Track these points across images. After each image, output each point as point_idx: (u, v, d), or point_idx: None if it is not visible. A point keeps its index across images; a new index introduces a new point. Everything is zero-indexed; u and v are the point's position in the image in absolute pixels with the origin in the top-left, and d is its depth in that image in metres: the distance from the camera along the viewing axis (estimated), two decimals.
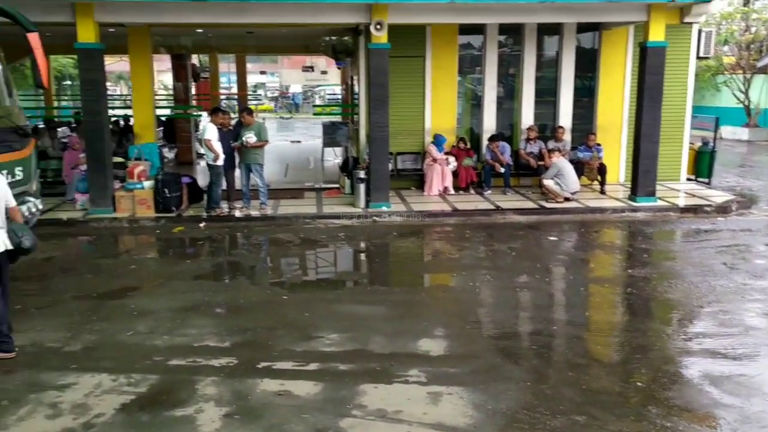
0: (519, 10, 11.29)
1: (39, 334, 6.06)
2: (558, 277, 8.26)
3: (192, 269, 8.35)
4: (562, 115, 13.41)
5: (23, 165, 7.46)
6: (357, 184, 11.48)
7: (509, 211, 11.29)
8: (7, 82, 7.98)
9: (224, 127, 11.00)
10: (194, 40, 16.94)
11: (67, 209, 11.38)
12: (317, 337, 6.02)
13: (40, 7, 10.10)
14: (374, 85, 11.16)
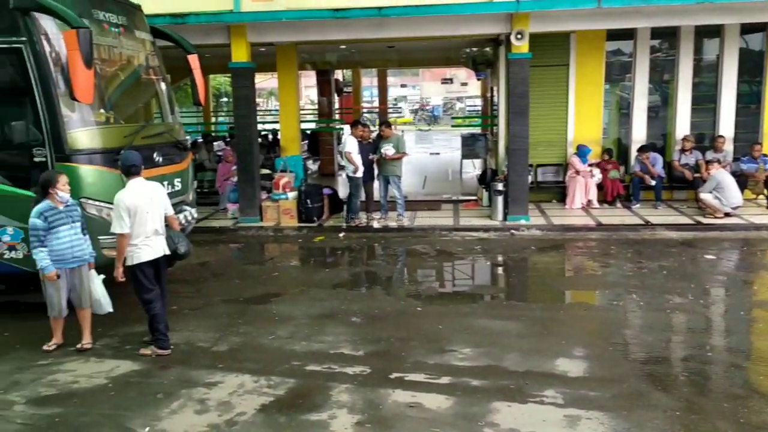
0: (673, 13, 10.61)
1: (191, 334, 6.49)
2: (716, 299, 7.60)
3: (331, 278, 8.59)
4: (723, 124, 12.40)
5: (182, 176, 8.06)
6: (495, 196, 11.29)
7: (660, 226, 10.58)
8: (170, 101, 8.69)
9: (364, 139, 11.27)
10: (338, 55, 17.56)
11: (220, 218, 12.17)
12: (450, 350, 5.95)
13: (200, 31, 10.93)
14: (514, 96, 10.95)
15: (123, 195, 5.70)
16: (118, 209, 5.64)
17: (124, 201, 5.66)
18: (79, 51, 6.21)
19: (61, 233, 5.89)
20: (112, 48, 7.54)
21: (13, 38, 6.55)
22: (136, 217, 5.68)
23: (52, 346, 6.10)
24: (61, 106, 6.59)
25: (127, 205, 5.64)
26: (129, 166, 5.84)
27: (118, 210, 5.64)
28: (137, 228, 5.69)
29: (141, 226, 5.71)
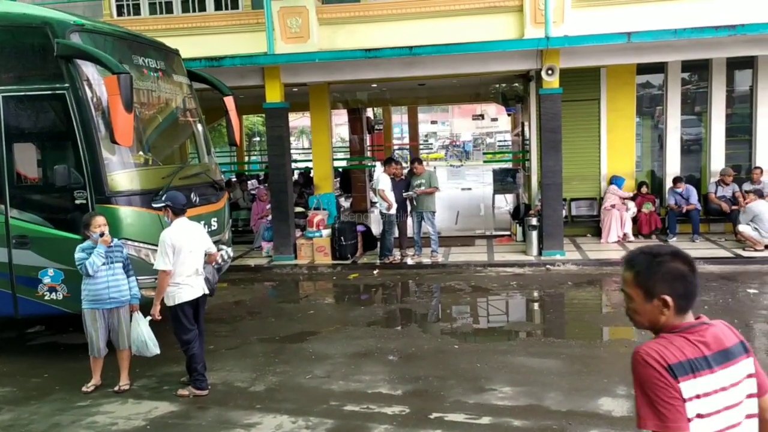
0: (705, 46, 10.56)
1: (229, 373, 6.49)
2: (760, 334, 7.37)
3: (366, 315, 8.56)
4: (759, 155, 12.20)
5: (218, 216, 8.17)
6: (529, 231, 11.20)
7: (699, 260, 10.26)
8: (206, 142, 8.86)
9: (397, 177, 11.32)
10: (369, 94, 17.77)
11: (254, 256, 12.27)
12: (490, 389, 5.84)
13: (236, 73, 11.18)
14: (546, 131, 10.93)
15: (169, 233, 5.78)
16: (164, 246, 5.70)
17: (171, 239, 5.73)
18: (120, 96, 6.37)
19: (99, 273, 5.97)
20: (151, 92, 7.76)
21: (56, 84, 6.78)
22: (180, 256, 5.75)
23: (90, 387, 6.15)
24: (101, 150, 6.74)
25: (173, 242, 5.71)
26: (180, 205, 5.94)
27: (164, 247, 5.70)
28: (179, 267, 5.76)
29: (183, 265, 5.78)
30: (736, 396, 2.03)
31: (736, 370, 2.04)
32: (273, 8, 11.05)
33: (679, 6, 10.70)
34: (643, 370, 2.00)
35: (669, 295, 2.05)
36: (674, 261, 2.10)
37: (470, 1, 11.18)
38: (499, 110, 29.28)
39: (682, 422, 1.93)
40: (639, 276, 2.11)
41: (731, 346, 2.07)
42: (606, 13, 10.84)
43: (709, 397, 1.98)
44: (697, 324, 2.08)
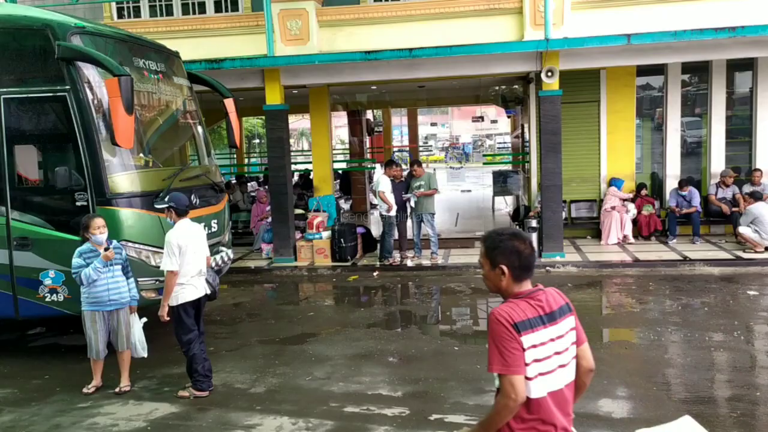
0: (704, 47, 10.58)
1: (229, 375, 6.50)
2: (761, 336, 7.37)
3: (365, 317, 8.56)
4: (759, 157, 12.22)
5: (218, 218, 8.18)
6: (529, 233, 11.21)
7: (699, 261, 10.38)
8: (206, 144, 8.87)
9: (397, 179, 11.33)
10: (368, 96, 17.80)
11: (254, 258, 12.27)
12: (490, 390, 5.84)
13: (236, 76, 11.21)
14: (545, 133, 10.95)
15: (174, 233, 5.79)
16: (170, 247, 5.71)
17: (177, 239, 5.74)
18: (121, 98, 6.39)
19: (99, 276, 5.98)
20: (151, 94, 7.77)
21: (57, 87, 6.79)
22: (185, 257, 5.76)
23: (91, 389, 6.15)
24: (102, 151, 6.76)
25: (179, 243, 5.72)
26: (183, 207, 5.95)
27: (170, 247, 5.71)
28: (184, 267, 5.76)
29: (187, 265, 5.78)
30: (563, 344, 2.63)
31: (562, 325, 2.64)
32: (273, 10, 11.07)
33: (678, 8, 10.74)
34: (495, 327, 2.55)
35: (506, 265, 2.64)
36: (512, 240, 2.68)
37: (470, 3, 11.21)
38: (498, 112, 29.30)
39: (520, 366, 2.50)
40: (487, 250, 2.71)
41: (559, 307, 2.65)
42: (605, 15, 10.87)
43: (544, 345, 2.56)
44: (535, 290, 2.66)
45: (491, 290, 2.75)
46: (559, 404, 2.61)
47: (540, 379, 2.55)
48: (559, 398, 2.62)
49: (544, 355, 2.56)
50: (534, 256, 2.70)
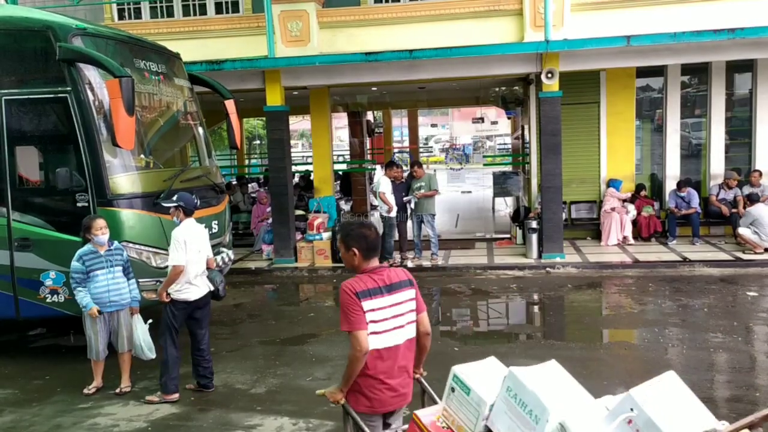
0: (704, 49, 10.60)
1: (229, 375, 6.51)
2: (761, 337, 7.39)
3: None
4: (759, 158, 12.24)
5: (219, 219, 8.20)
6: (529, 234, 11.23)
7: (699, 262, 10.39)
8: (207, 145, 8.89)
9: (397, 180, 11.34)
10: (369, 97, 17.82)
11: (255, 259, 12.29)
12: None
13: (236, 77, 11.22)
14: (545, 134, 10.96)
15: (181, 230, 5.80)
16: (177, 243, 5.72)
17: (184, 236, 5.76)
18: (122, 99, 6.40)
19: (98, 277, 5.99)
20: (152, 95, 7.79)
21: (58, 88, 6.81)
22: (191, 255, 5.78)
23: (92, 390, 6.16)
24: (103, 153, 6.77)
25: (186, 239, 5.74)
26: (192, 206, 5.97)
27: (177, 243, 5.72)
28: (188, 266, 5.78)
29: (191, 264, 5.80)
30: (400, 309, 3.37)
31: (401, 295, 3.38)
32: (274, 12, 11.09)
33: (678, 9, 10.76)
34: (342, 296, 3.33)
35: (356, 248, 3.41)
36: (361, 228, 3.47)
37: (470, 5, 11.23)
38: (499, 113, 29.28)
39: (362, 324, 3.25)
40: (342, 237, 3.49)
41: (400, 281, 3.42)
42: (605, 16, 10.89)
43: (382, 310, 3.31)
44: (379, 267, 3.44)
45: (348, 268, 3.53)
46: (396, 358, 3.37)
47: (379, 336, 3.30)
48: (397, 353, 3.38)
49: (383, 317, 3.30)
50: (378, 240, 3.49)
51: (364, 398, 3.38)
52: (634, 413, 2.39)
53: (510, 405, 2.72)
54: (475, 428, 2.89)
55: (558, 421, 2.48)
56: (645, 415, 2.32)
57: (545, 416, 2.55)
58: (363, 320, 3.25)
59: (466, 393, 2.95)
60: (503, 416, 2.74)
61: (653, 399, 2.44)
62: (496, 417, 2.78)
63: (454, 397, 3.03)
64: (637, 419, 2.36)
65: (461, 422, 2.96)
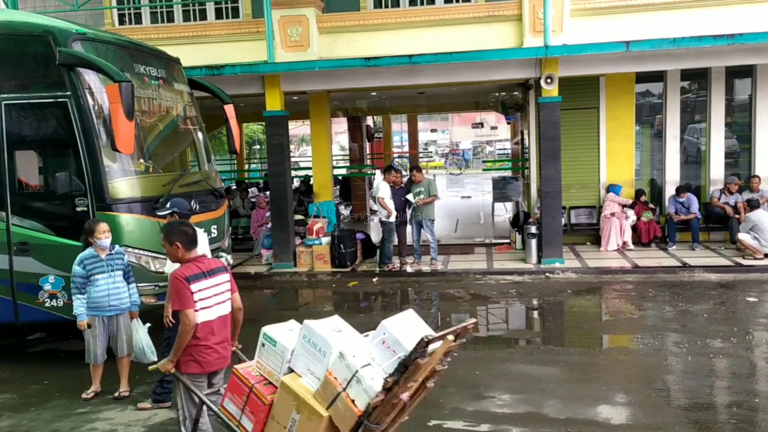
0: (703, 55, 10.62)
1: (227, 380, 6.48)
2: (761, 342, 7.37)
3: (365, 323, 8.47)
4: (759, 164, 12.24)
5: (218, 223, 8.20)
6: (528, 239, 11.22)
7: (699, 268, 10.38)
8: (206, 149, 8.90)
9: (396, 185, 11.34)
10: (368, 102, 17.84)
11: (254, 263, 12.28)
12: (489, 396, 5.85)
13: (236, 82, 11.24)
14: (545, 139, 10.97)
15: None
16: None
17: None
18: (122, 104, 6.41)
19: (99, 281, 5.99)
20: (152, 100, 7.80)
21: (58, 92, 6.82)
22: None
23: (90, 394, 6.16)
24: (102, 157, 6.79)
25: None
26: (186, 211, 5.97)
27: None
28: None
29: None
30: (219, 289, 4.28)
31: (219, 278, 4.29)
32: (274, 17, 11.11)
33: (677, 15, 10.77)
34: (174, 281, 4.12)
35: (179, 242, 4.24)
36: (181, 226, 4.38)
37: (469, 10, 11.27)
38: (498, 119, 29.36)
39: (190, 303, 4.08)
40: (166, 234, 4.33)
41: (217, 267, 4.34)
42: (605, 22, 10.90)
43: (207, 290, 4.19)
44: (199, 257, 4.32)
45: (173, 260, 4.39)
46: (217, 328, 4.26)
47: (204, 311, 4.16)
48: (217, 324, 4.27)
49: (206, 296, 4.17)
50: (195, 234, 4.37)
51: (194, 362, 4.20)
52: (386, 335, 3.41)
53: (305, 347, 3.56)
54: (281, 370, 3.65)
55: (338, 351, 3.40)
56: (392, 336, 3.38)
57: (329, 350, 3.46)
58: (192, 300, 4.09)
59: (273, 345, 3.72)
60: (301, 357, 3.58)
61: (397, 325, 3.46)
62: (296, 358, 3.61)
63: (264, 351, 3.77)
64: (387, 339, 3.39)
65: (271, 368, 3.72)
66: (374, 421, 3.29)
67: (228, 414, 3.82)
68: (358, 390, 3.28)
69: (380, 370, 3.33)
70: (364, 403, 3.26)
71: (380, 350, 3.39)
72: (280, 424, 3.55)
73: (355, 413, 3.28)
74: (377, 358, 3.37)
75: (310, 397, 3.45)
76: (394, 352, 3.32)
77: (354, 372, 3.29)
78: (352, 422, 3.31)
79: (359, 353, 3.38)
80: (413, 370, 3.22)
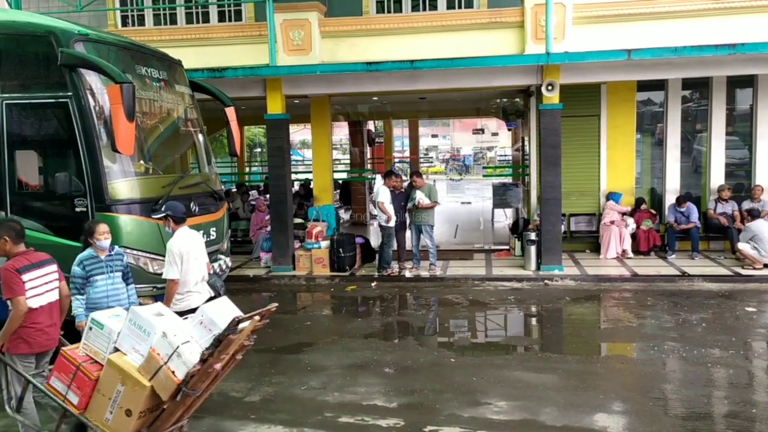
0: (705, 64, 10.63)
1: (224, 383, 6.44)
2: (759, 352, 7.36)
3: (363, 327, 8.55)
4: (759, 173, 12.24)
5: (217, 226, 8.20)
6: (528, 245, 11.22)
7: (698, 277, 10.37)
8: (207, 152, 8.90)
9: (396, 189, 11.34)
10: (370, 107, 17.87)
11: (253, 266, 12.27)
12: (485, 403, 5.84)
13: (237, 85, 11.25)
14: (545, 146, 10.98)
15: (175, 242, 5.79)
16: (171, 255, 5.71)
17: (178, 247, 5.74)
18: (122, 105, 6.43)
19: (98, 282, 5.95)
20: (153, 101, 7.81)
21: (59, 93, 6.83)
22: (188, 264, 5.77)
23: None
24: (102, 158, 6.80)
25: (181, 251, 5.73)
26: (180, 214, 5.96)
27: (171, 256, 5.71)
28: (188, 275, 5.77)
29: (190, 273, 5.79)
30: (48, 279, 4.83)
31: (47, 269, 4.85)
32: (276, 20, 11.14)
33: (679, 24, 10.79)
34: (5, 273, 4.60)
35: (6, 236, 4.73)
36: (9, 222, 5.03)
37: (472, 17, 11.29)
38: (499, 125, 29.36)
39: (22, 291, 4.59)
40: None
41: (45, 259, 4.88)
42: (607, 30, 10.93)
43: (36, 279, 4.72)
44: (27, 251, 4.80)
45: (1, 254, 4.78)
46: (48, 313, 4.81)
47: (35, 298, 4.68)
48: (49, 310, 4.82)
49: (37, 284, 4.71)
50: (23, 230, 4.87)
51: (24, 344, 4.71)
52: (203, 317, 4.09)
53: (131, 329, 4.11)
54: (107, 350, 4.14)
55: (162, 330, 3.99)
56: (209, 317, 4.07)
57: (153, 330, 4.02)
58: (23, 288, 4.60)
59: (101, 328, 4.21)
60: (127, 338, 4.11)
61: (213, 309, 4.16)
62: (122, 339, 4.13)
63: (91, 334, 4.24)
64: (204, 320, 4.08)
65: (97, 349, 4.20)
66: (191, 388, 3.99)
67: (54, 391, 4.25)
68: (178, 363, 3.92)
69: (198, 345, 4.01)
70: (183, 373, 3.91)
71: (198, 329, 4.09)
72: (105, 396, 4.07)
73: (174, 382, 3.92)
74: (196, 336, 4.06)
75: (135, 371, 3.99)
76: (210, 330, 4.02)
77: (175, 348, 3.92)
78: (172, 390, 3.95)
79: (180, 332, 4.04)
80: (226, 344, 3.94)
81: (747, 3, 10.69)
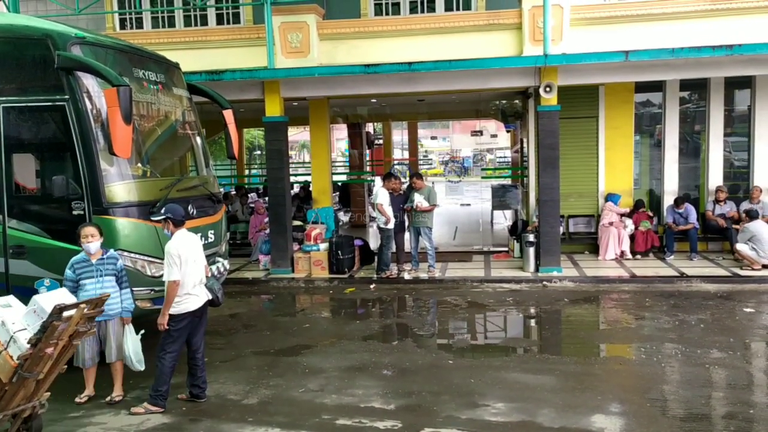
0: (703, 65, 10.64)
1: (222, 386, 6.48)
2: (757, 353, 7.36)
3: (361, 330, 8.55)
4: (758, 174, 12.25)
5: (215, 228, 8.19)
6: (526, 247, 11.22)
7: (696, 278, 10.37)
8: (205, 154, 8.89)
9: (395, 191, 11.34)
10: (368, 109, 17.86)
11: (252, 269, 12.27)
12: (483, 404, 5.83)
13: (236, 87, 11.26)
14: (544, 147, 10.98)
15: (174, 244, 5.78)
16: (171, 258, 5.69)
17: (177, 249, 5.73)
18: (119, 108, 6.42)
19: (87, 286, 5.95)
20: (150, 104, 7.80)
21: (56, 96, 6.82)
22: (186, 266, 5.76)
23: (84, 398, 6.13)
24: (100, 161, 6.77)
25: (179, 253, 5.72)
26: (180, 217, 5.95)
27: (171, 258, 5.69)
28: (186, 277, 5.75)
29: (189, 275, 5.78)
30: None
31: None
32: (274, 23, 11.15)
33: (677, 26, 10.80)
34: None
35: None
36: None
37: (470, 19, 11.30)
38: (498, 126, 29.39)
39: None
40: None
41: None
42: (604, 31, 10.94)
43: None
44: None
45: None
46: None
47: None
48: None
49: None
50: None
51: None
52: (36, 306, 4.66)
53: None
54: None
55: (1, 320, 4.56)
56: (40, 306, 4.63)
57: None
58: None
59: None
60: None
61: (46, 299, 4.73)
62: None
63: None
64: (37, 309, 4.64)
65: None
66: (27, 370, 4.55)
67: None
68: (14, 348, 4.52)
69: (31, 332, 4.58)
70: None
71: (32, 317, 4.65)
72: None
73: (11, 365, 4.51)
74: (30, 324, 4.62)
75: None
76: (41, 318, 4.54)
77: (11, 335, 4.54)
78: (10, 372, 4.53)
79: (18, 321, 4.63)
80: (51, 330, 4.48)
81: (744, 4, 10.69)
